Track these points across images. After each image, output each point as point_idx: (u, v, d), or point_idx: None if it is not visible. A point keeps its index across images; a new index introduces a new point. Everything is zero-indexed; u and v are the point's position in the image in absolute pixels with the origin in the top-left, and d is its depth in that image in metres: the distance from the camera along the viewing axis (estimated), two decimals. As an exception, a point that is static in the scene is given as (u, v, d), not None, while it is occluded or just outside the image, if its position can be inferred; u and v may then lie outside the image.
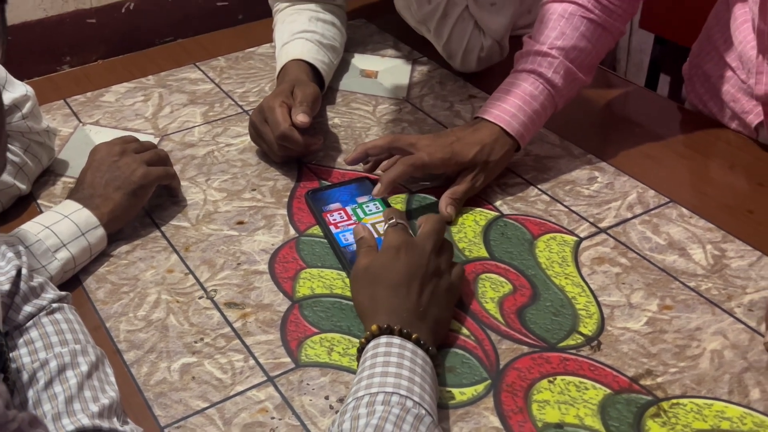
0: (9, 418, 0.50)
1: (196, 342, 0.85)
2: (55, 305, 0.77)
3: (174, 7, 1.52)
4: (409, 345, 0.74)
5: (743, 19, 1.05)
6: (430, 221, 0.88)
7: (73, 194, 0.99)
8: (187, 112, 1.25)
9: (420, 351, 0.74)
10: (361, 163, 1.05)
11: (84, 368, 0.71)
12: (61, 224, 0.92)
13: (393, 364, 0.71)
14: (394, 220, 0.88)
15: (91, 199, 0.97)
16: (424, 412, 0.67)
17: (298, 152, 1.09)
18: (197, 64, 1.37)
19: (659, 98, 1.30)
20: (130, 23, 1.50)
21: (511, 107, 1.00)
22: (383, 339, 0.75)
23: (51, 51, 1.45)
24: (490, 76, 1.25)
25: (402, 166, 0.97)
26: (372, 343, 0.75)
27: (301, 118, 1.05)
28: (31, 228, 0.91)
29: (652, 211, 1.00)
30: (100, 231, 0.95)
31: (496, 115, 1.00)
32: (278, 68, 1.22)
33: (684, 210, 0.99)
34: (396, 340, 0.74)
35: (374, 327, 0.76)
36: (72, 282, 0.93)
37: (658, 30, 1.69)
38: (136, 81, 1.33)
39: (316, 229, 1.00)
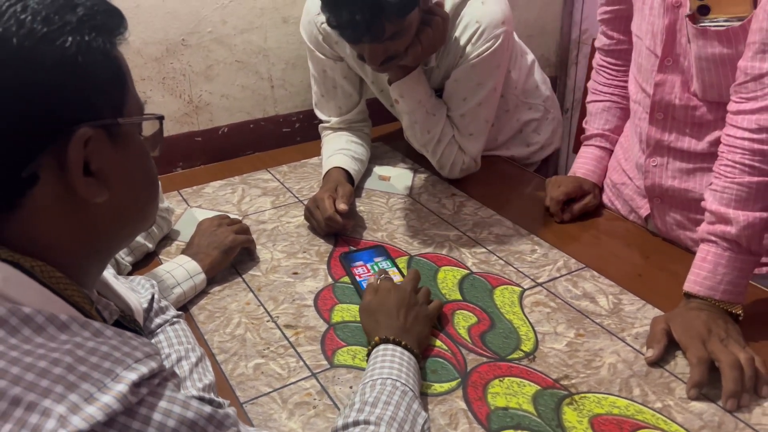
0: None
1: (264, 349, 0.90)
2: (174, 320, 0.84)
3: (253, 132, 1.58)
4: (399, 348, 0.82)
5: (636, 140, 1.11)
6: (410, 273, 0.96)
7: (185, 251, 1.05)
8: (261, 200, 1.30)
9: (407, 353, 0.82)
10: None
11: (193, 360, 0.77)
12: (177, 271, 0.99)
13: (388, 361, 0.79)
14: (384, 276, 0.97)
15: (197, 255, 1.03)
16: (408, 389, 0.75)
17: (337, 229, 1.15)
18: (268, 169, 1.42)
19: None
20: (224, 141, 1.55)
21: (591, 166, 1.24)
22: (382, 346, 0.82)
23: (170, 158, 1.51)
24: (466, 181, 1.33)
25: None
26: (375, 350, 0.82)
27: (342, 206, 1.13)
28: (158, 272, 0.97)
29: (573, 273, 1.05)
30: (202, 276, 1.01)
31: (584, 173, 1.23)
32: (323, 172, 1.29)
33: (595, 272, 1.04)
34: (390, 346, 0.82)
35: (377, 338, 0.83)
36: (183, 309, 0.98)
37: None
38: (227, 179, 1.38)
39: (346, 279, 1.05)
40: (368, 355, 0.83)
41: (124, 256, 1.06)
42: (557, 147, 1.55)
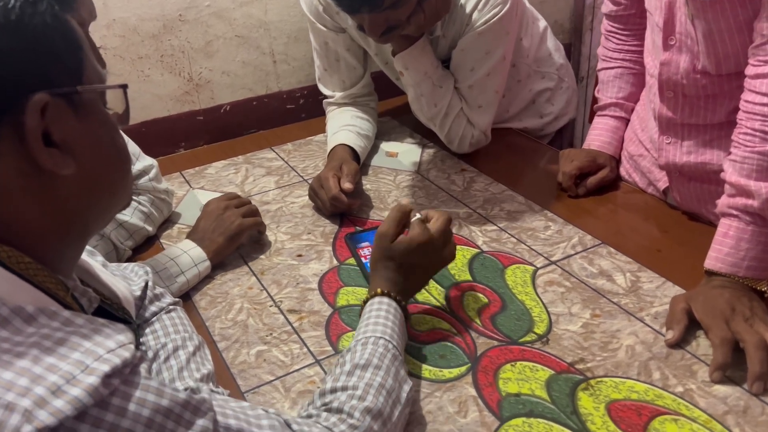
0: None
1: (267, 336, 0.88)
2: (171, 307, 0.81)
3: (257, 109, 1.55)
4: (394, 304, 0.80)
5: (650, 113, 1.07)
6: (441, 220, 0.85)
7: (190, 235, 1.02)
8: (265, 180, 1.28)
9: (400, 311, 0.80)
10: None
11: (190, 349, 0.75)
12: (181, 258, 0.96)
13: (383, 318, 0.78)
14: (419, 217, 0.86)
15: (202, 241, 1.00)
16: (398, 353, 0.74)
17: (343, 209, 1.12)
18: (272, 147, 1.40)
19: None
20: (227, 119, 1.53)
21: (606, 138, 1.18)
22: (377, 299, 0.81)
23: (172, 139, 1.49)
24: (476, 156, 1.29)
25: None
26: (371, 301, 0.81)
27: (347, 185, 1.10)
28: (160, 259, 0.95)
29: (589, 250, 1.01)
30: (207, 263, 0.98)
31: (599, 145, 1.18)
32: (328, 149, 1.26)
33: (611, 249, 1.01)
34: (386, 300, 0.80)
35: (379, 290, 0.81)
36: (185, 294, 0.96)
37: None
38: (230, 159, 1.36)
39: (352, 260, 1.03)
40: (365, 301, 0.82)
41: (123, 241, 1.04)
42: (572, 117, 1.50)
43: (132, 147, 1.07)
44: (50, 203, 0.51)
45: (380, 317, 0.78)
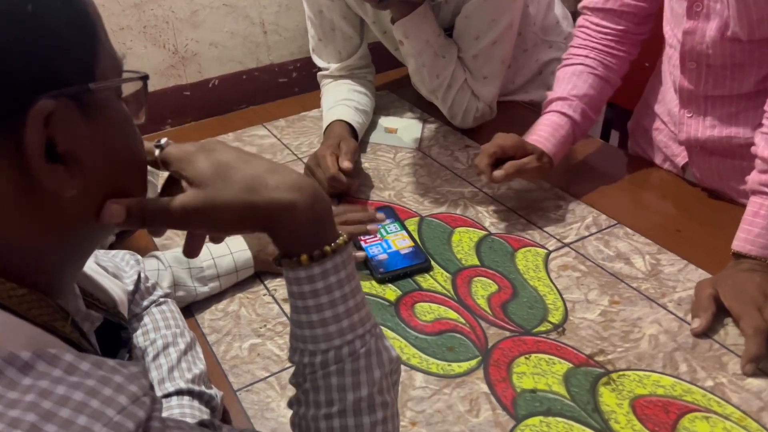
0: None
1: (260, 327, 0.83)
2: (161, 300, 0.76)
3: (247, 83, 1.50)
4: (344, 269, 0.51)
5: (669, 84, 1.02)
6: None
7: (248, 237, 0.89)
8: None
9: (348, 270, 0.51)
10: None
11: (181, 346, 0.70)
12: (225, 259, 0.86)
13: (340, 300, 0.50)
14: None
15: (262, 251, 0.89)
16: (370, 342, 0.52)
17: (341, 190, 1.07)
18: (264, 124, 1.35)
19: (610, 147, 1.27)
20: (215, 95, 1.47)
21: (544, 133, 1.01)
22: (318, 269, 0.49)
23: (157, 116, 1.41)
24: (481, 131, 1.23)
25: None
26: (307, 278, 0.49)
27: (346, 164, 1.04)
28: (201, 253, 0.85)
29: (604, 231, 0.96)
30: (251, 271, 0.89)
31: (534, 139, 1.00)
32: (324, 125, 1.20)
33: (628, 229, 0.96)
34: (329, 264, 0.50)
35: (304, 258, 0.49)
36: None
37: (609, 98, 1.67)
38: (219, 137, 1.29)
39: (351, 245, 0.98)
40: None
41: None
42: (580, 89, 1.42)
43: None
44: (52, 223, 0.43)
45: (336, 302, 0.51)
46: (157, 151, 0.50)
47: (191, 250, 0.53)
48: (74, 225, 0.44)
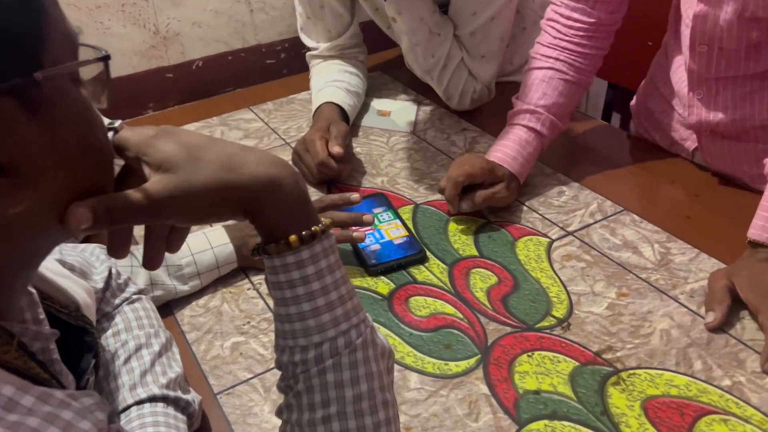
0: None
1: (244, 324, 0.79)
2: (135, 297, 0.70)
3: (233, 64, 1.47)
4: (331, 257, 0.47)
5: (678, 65, 0.97)
6: None
7: (229, 227, 0.84)
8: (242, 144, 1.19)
9: (335, 256, 0.47)
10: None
11: (156, 348, 0.65)
12: (205, 255, 0.81)
13: (332, 287, 0.46)
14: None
15: (245, 244, 0.83)
16: (366, 332, 0.47)
17: (331, 176, 1.02)
18: (251, 107, 1.30)
19: (614, 129, 1.23)
20: (199, 77, 1.44)
21: (511, 151, 0.94)
22: (306, 253, 0.45)
23: (138, 99, 1.39)
24: (479, 113, 1.20)
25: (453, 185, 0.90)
26: (293, 263, 0.45)
27: (336, 149, 1.00)
28: (181, 251, 0.81)
29: (610, 218, 0.92)
30: (235, 265, 0.84)
31: (500, 158, 0.93)
32: (314, 108, 1.16)
33: (635, 216, 0.91)
34: (318, 247, 0.45)
35: (293, 238, 0.44)
36: None
37: (610, 78, 1.62)
38: (204, 121, 1.26)
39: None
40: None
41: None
42: (581, 70, 1.37)
43: None
44: None
45: (329, 291, 0.46)
46: (109, 135, 0.44)
47: (149, 258, 0.48)
48: (26, 238, 0.38)
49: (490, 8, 1.08)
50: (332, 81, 1.19)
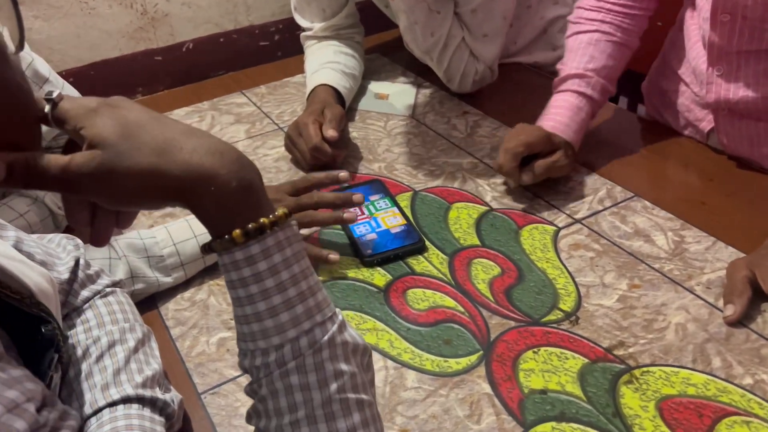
0: (41, 423, 0.39)
1: (231, 319, 0.75)
2: (108, 290, 0.66)
3: (224, 47, 1.44)
4: (291, 245, 0.43)
5: (696, 39, 0.93)
6: None
7: None
8: (234, 129, 1.14)
9: (294, 249, 0.43)
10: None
11: (131, 344, 0.61)
12: (188, 244, 0.77)
13: (290, 283, 0.43)
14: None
15: None
16: (333, 329, 0.44)
17: (325, 161, 0.99)
18: (243, 91, 1.27)
19: (624, 112, 1.18)
20: (189, 60, 1.42)
21: (563, 118, 0.91)
22: (257, 248, 0.42)
23: (126, 83, 1.37)
24: (481, 96, 1.17)
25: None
26: (243, 259, 0.42)
27: (331, 133, 0.97)
28: (160, 239, 0.76)
29: (620, 204, 0.88)
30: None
31: (553, 126, 0.90)
32: (308, 91, 1.12)
33: (647, 203, 0.87)
34: (270, 240, 0.42)
35: (237, 233, 0.41)
36: None
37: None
38: (194, 106, 1.23)
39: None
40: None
41: (61, 205, 0.88)
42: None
43: (42, 70, 0.86)
44: None
45: (285, 285, 0.43)
46: (47, 107, 0.40)
47: (95, 233, 0.45)
48: None
49: (492, -16, 1.03)
50: (327, 62, 1.15)
